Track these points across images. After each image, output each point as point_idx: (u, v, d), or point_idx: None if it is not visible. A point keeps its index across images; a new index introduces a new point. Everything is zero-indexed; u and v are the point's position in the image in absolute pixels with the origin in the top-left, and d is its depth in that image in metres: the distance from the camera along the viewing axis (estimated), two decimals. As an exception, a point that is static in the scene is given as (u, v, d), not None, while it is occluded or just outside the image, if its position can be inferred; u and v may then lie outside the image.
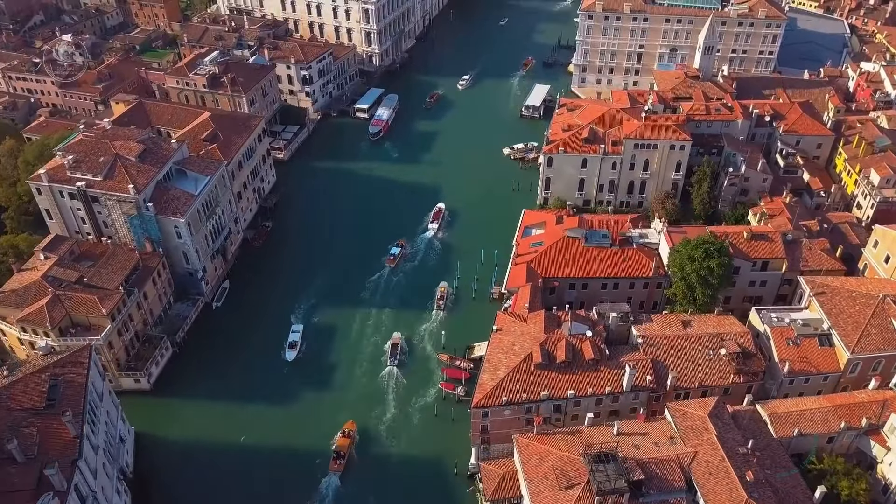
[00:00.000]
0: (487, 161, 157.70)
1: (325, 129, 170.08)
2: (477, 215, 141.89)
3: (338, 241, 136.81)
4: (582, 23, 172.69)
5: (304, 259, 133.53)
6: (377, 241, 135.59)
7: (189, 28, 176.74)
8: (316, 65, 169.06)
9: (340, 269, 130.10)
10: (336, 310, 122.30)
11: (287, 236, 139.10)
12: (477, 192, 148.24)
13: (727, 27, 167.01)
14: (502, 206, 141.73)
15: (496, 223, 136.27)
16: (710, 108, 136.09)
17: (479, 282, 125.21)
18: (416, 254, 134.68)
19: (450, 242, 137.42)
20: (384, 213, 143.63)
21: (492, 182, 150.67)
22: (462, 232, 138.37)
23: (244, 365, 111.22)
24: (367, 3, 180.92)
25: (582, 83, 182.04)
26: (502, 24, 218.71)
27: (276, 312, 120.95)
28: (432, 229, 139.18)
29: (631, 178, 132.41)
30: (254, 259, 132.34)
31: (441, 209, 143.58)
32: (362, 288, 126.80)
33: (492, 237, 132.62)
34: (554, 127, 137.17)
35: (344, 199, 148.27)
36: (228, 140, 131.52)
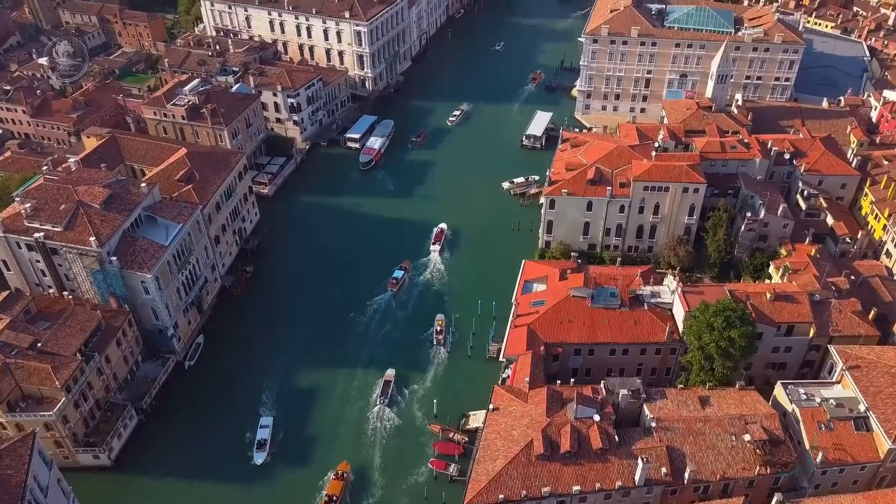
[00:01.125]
0: (486, 196, 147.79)
1: (313, 160, 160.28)
2: (473, 259, 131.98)
3: (326, 281, 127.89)
4: (586, 47, 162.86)
5: (289, 304, 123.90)
6: (367, 277, 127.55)
7: (170, 52, 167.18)
8: (304, 92, 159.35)
9: (328, 310, 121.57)
10: (322, 357, 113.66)
11: (270, 281, 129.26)
12: (474, 232, 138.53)
13: (741, 52, 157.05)
14: (501, 249, 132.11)
15: (494, 268, 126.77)
16: (726, 144, 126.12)
17: (476, 336, 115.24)
18: (415, 280, 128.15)
19: (449, 272, 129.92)
20: (375, 249, 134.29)
21: (490, 220, 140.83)
22: (457, 278, 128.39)
23: (215, 441, 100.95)
24: (360, 26, 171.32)
25: (586, 110, 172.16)
26: (498, 48, 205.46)
27: (253, 372, 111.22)
28: (434, 251, 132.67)
29: (640, 221, 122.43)
30: (232, 309, 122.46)
31: (443, 230, 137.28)
32: (350, 331, 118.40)
33: (490, 285, 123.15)
34: (557, 165, 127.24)
35: (332, 235, 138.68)
36: (205, 180, 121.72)
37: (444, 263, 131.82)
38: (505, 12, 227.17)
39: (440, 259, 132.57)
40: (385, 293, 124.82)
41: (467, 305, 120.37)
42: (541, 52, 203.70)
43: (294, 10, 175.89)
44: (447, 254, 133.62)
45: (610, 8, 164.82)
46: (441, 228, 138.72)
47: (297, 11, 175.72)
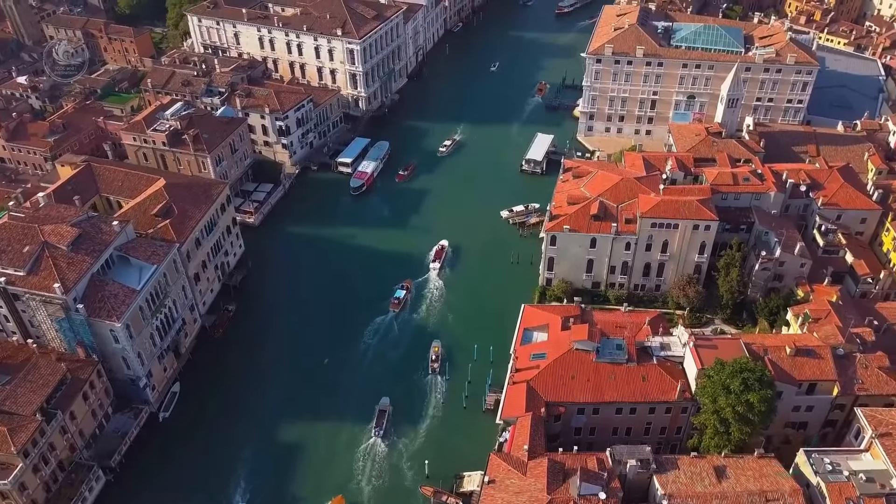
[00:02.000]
0: (483, 225, 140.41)
1: (303, 186, 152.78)
2: (470, 294, 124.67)
3: (316, 313, 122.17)
4: (589, 67, 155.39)
5: (274, 342, 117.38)
6: (361, 304, 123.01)
7: (154, 72, 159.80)
8: (293, 114, 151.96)
9: (319, 345, 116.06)
10: (310, 396, 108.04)
11: (254, 318, 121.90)
12: (471, 264, 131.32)
13: (751, 73, 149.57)
14: (499, 285, 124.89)
15: (492, 306, 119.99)
16: (738, 176, 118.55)
17: (472, 384, 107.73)
18: (414, 302, 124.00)
19: (446, 302, 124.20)
20: (367, 277, 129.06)
21: (488, 252, 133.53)
22: (453, 313, 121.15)
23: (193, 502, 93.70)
24: (352, 44, 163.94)
25: (589, 132, 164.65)
26: (493, 69, 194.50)
27: (235, 420, 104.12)
28: (433, 269, 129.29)
29: (647, 259, 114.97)
30: (213, 351, 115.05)
31: (443, 247, 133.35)
32: (344, 362, 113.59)
33: (487, 324, 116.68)
34: (558, 198, 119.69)
35: (322, 265, 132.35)
36: (184, 214, 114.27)
37: (444, 283, 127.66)
38: (504, 26, 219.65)
39: (439, 279, 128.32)
40: (385, 315, 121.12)
41: (463, 346, 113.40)
42: (541, 70, 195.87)
43: (284, 27, 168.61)
44: (445, 276, 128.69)
45: (614, 26, 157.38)
46: (442, 245, 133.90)
47: (288, 28, 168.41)
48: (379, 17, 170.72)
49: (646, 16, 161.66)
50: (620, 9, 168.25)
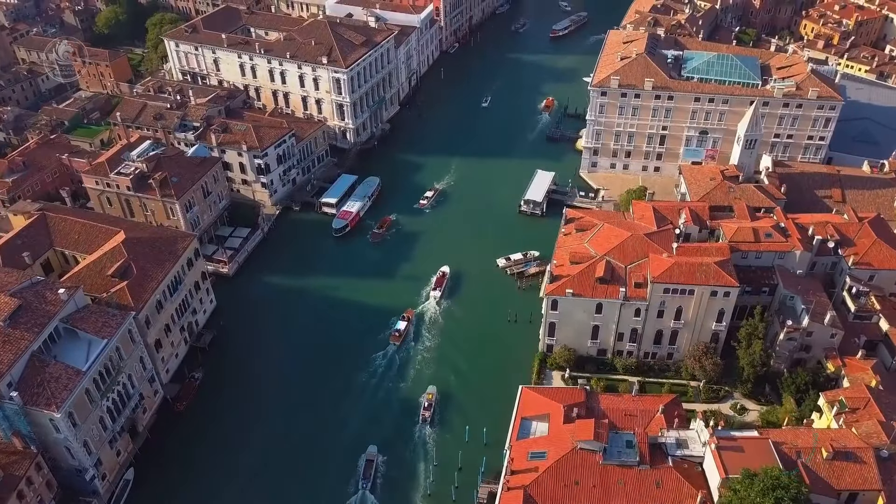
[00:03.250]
0: (478, 275, 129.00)
1: (284, 228, 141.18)
2: (461, 361, 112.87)
3: (294, 372, 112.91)
4: (594, 100, 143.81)
5: (246, 412, 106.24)
6: (343, 357, 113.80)
7: (124, 104, 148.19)
8: (273, 151, 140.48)
9: (297, 406, 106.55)
10: (285, 463, 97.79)
11: (224, 385, 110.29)
12: (465, 325, 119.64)
13: (769, 108, 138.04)
14: (495, 350, 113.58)
15: (486, 377, 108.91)
16: (760, 232, 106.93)
17: (462, 472, 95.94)
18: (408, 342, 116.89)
19: (438, 363, 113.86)
20: (350, 327, 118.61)
21: (482, 308, 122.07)
22: (442, 385, 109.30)
23: None
24: (338, 73, 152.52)
25: (593, 168, 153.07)
26: (485, 105, 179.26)
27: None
28: (434, 297, 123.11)
29: (659, 326, 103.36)
30: (175, 428, 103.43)
31: (445, 273, 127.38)
32: (330, 416, 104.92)
33: (480, 398, 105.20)
34: (559, 254, 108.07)
35: (302, 318, 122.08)
36: (145, 275, 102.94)
37: (444, 312, 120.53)
38: (502, 48, 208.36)
39: (439, 309, 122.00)
40: (380, 352, 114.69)
41: (454, 431, 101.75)
42: (541, 94, 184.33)
43: (266, 54, 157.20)
44: (438, 328, 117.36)
45: (620, 55, 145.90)
46: (443, 272, 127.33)
47: (270, 55, 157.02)
48: (368, 43, 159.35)
49: (654, 43, 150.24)
50: (627, 35, 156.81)
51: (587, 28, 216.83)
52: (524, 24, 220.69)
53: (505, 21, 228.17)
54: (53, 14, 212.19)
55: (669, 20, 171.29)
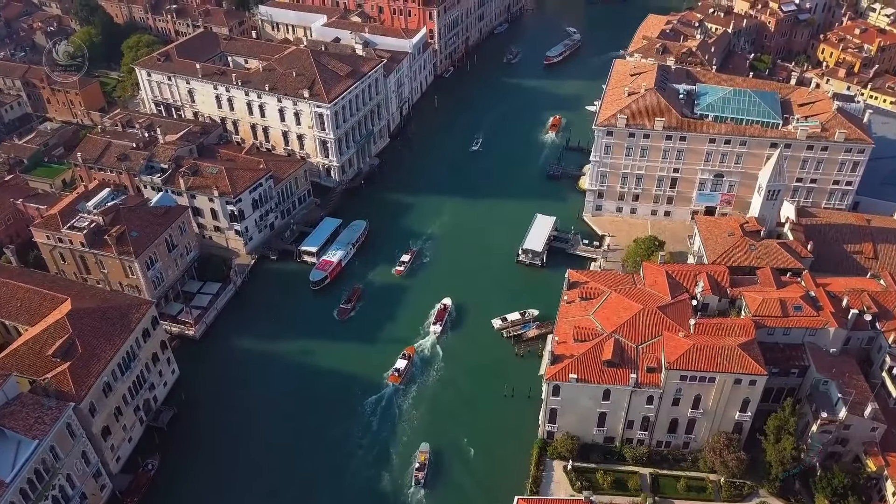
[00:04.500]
0: (472, 338, 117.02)
1: (259, 281, 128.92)
2: (452, 451, 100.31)
3: (266, 446, 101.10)
4: (599, 140, 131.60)
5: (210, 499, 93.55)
6: (318, 441, 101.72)
7: (87, 143, 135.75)
8: (248, 195, 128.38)
9: (271, 496, 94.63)
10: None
11: (184, 471, 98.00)
12: (455, 400, 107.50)
13: (792, 151, 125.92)
14: (488, 433, 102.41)
15: (478, 469, 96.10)
16: (788, 304, 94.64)
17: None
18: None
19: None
20: (328, 400, 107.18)
21: (475, 379, 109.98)
22: (439, 462, 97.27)
23: None
24: (321, 107, 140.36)
25: (598, 211, 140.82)
26: (475, 148, 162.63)
27: None
28: (434, 332, 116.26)
29: (675, 414, 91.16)
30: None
31: (446, 306, 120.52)
32: None
33: (475, 479, 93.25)
34: (562, 328, 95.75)
35: (277, 384, 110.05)
36: (91, 354, 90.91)
37: (433, 381, 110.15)
38: (499, 72, 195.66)
39: (440, 347, 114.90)
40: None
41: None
42: (541, 124, 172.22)
43: (244, 86, 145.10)
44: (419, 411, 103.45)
45: (627, 89, 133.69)
46: (444, 304, 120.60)
47: (248, 87, 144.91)
48: (354, 74, 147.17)
49: (665, 77, 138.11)
50: (634, 66, 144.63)
51: (582, 51, 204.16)
52: (517, 55, 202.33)
53: (503, 41, 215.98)
54: (25, 35, 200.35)
55: (679, 47, 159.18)
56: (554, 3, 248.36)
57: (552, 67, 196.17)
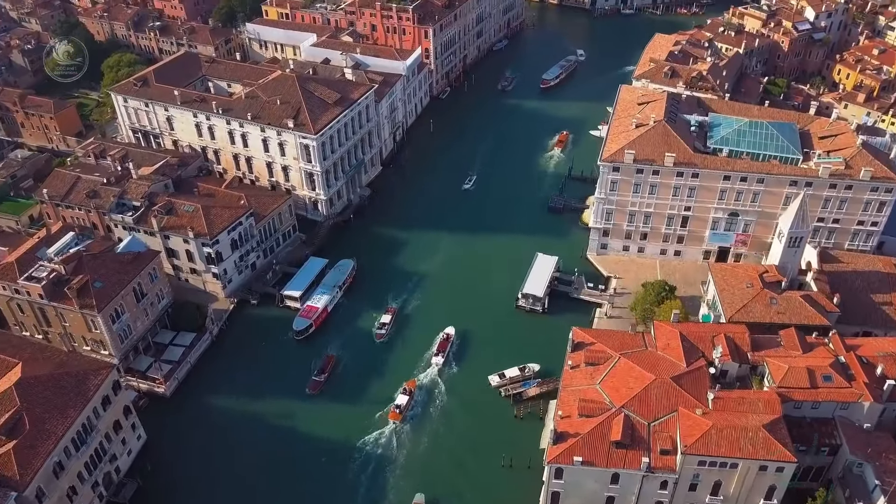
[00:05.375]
0: (465, 397, 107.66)
1: (237, 328, 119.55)
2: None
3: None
4: (604, 176, 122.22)
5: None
6: None
7: (54, 179, 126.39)
8: (227, 236, 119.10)
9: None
10: None
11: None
12: (446, 470, 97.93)
13: (813, 189, 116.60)
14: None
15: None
16: (817, 373, 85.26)
17: None
18: None
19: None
20: (315, 461, 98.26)
21: (469, 446, 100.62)
22: None
23: None
24: (307, 139, 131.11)
25: (603, 250, 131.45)
26: (467, 186, 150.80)
27: None
28: (436, 364, 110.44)
29: (692, 501, 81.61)
30: None
31: (449, 336, 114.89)
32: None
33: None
34: (565, 400, 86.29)
35: (255, 448, 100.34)
36: (40, 429, 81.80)
37: (423, 449, 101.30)
38: (497, 93, 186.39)
39: (441, 383, 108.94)
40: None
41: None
42: (541, 150, 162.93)
43: (225, 114, 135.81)
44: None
45: (635, 121, 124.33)
46: (447, 334, 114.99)
47: (229, 116, 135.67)
48: (343, 101, 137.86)
49: (675, 106, 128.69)
50: (642, 94, 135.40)
51: (584, 70, 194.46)
52: (511, 81, 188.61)
53: (502, 58, 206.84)
54: (2, 53, 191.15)
55: (689, 71, 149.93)
56: (555, 17, 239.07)
57: (549, 91, 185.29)
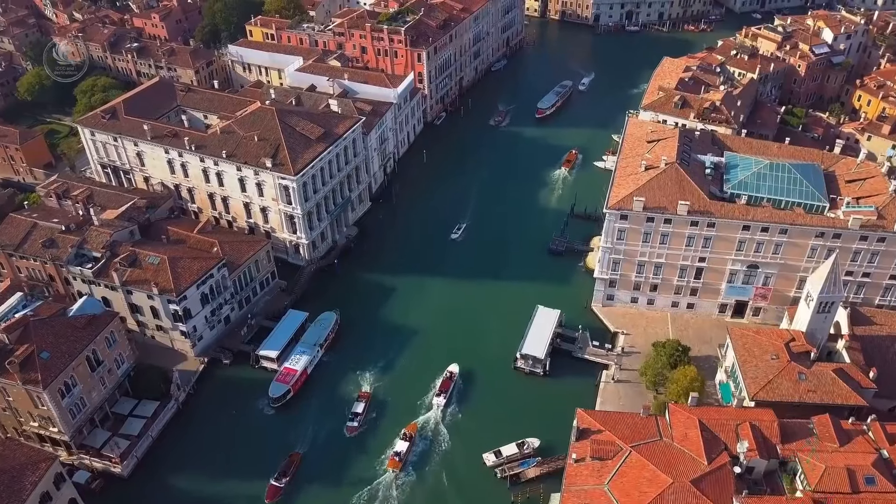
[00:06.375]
0: (457, 479, 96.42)
1: (207, 393, 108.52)
2: None
3: None
4: (610, 224, 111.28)
5: None
6: None
7: (8, 226, 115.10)
8: (196, 291, 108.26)
9: None
10: None
11: None
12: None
13: (842, 241, 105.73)
14: None
15: None
16: (857, 475, 74.24)
17: None
18: None
19: None
20: None
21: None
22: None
23: None
24: (286, 179, 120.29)
25: (609, 301, 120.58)
26: (455, 237, 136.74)
27: None
28: (438, 405, 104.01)
29: None
30: None
31: (453, 374, 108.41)
32: None
33: None
34: (569, 502, 75.37)
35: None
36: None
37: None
38: (490, 125, 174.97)
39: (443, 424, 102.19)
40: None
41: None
42: (540, 184, 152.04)
43: (198, 151, 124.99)
44: None
45: (645, 162, 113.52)
46: (451, 372, 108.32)
47: (203, 153, 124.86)
48: (327, 137, 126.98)
49: (687, 145, 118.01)
50: (652, 130, 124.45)
51: (573, 99, 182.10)
52: (505, 116, 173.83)
53: (501, 79, 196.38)
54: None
55: (701, 101, 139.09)
56: (556, 33, 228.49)
57: (546, 120, 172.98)
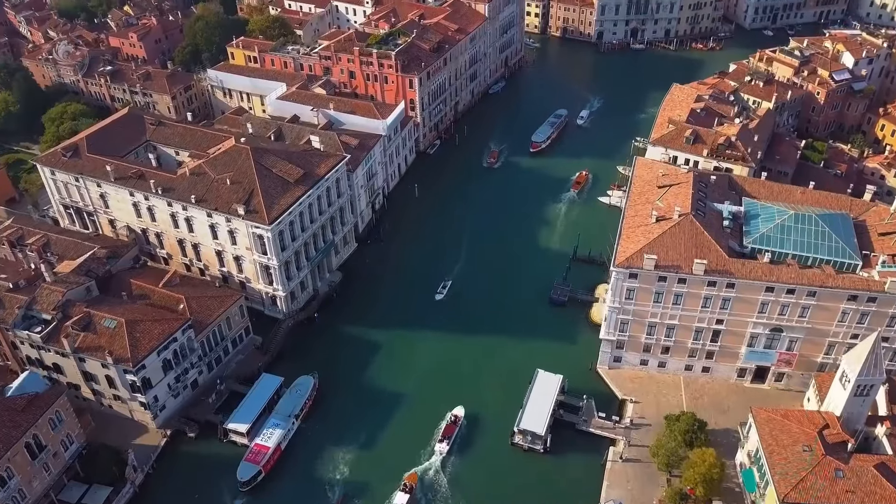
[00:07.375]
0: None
1: (168, 473, 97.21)
2: None
3: None
4: (618, 283, 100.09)
5: None
6: None
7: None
8: (157, 358, 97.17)
9: None
10: None
11: None
12: None
13: (877, 305, 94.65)
14: None
15: None
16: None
17: None
18: None
19: None
20: None
21: None
22: None
23: None
24: (260, 228, 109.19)
25: (616, 363, 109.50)
26: (440, 297, 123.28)
27: None
28: (440, 451, 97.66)
29: None
30: None
31: (458, 417, 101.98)
32: None
33: None
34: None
35: None
36: None
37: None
38: (493, 146, 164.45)
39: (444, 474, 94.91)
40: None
41: None
42: (540, 222, 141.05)
43: (165, 195, 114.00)
44: None
45: (656, 213, 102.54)
46: (455, 416, 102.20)
47: (170, 196, 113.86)
48: (307, 178, 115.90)
49: (702, 191, 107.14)
50: (663, 174, 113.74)
51: (568, 131, 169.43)
52: (498, 156, 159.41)
53: (500, 103, 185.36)
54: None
55: (715, 136, 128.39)
56: (558, 51, 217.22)
57: (542, 154, 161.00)
